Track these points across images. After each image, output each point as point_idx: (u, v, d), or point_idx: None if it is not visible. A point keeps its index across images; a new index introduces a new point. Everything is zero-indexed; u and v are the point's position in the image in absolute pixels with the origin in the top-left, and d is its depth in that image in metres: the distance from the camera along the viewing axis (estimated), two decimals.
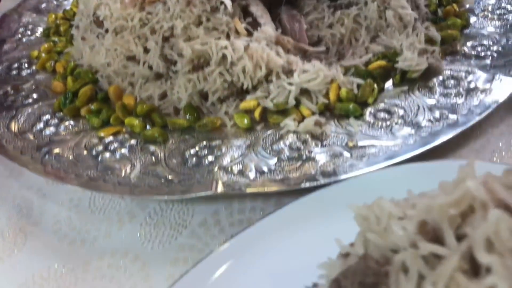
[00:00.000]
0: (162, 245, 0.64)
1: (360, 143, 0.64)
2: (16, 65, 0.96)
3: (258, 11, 0.80)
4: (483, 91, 0.66)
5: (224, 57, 0.72)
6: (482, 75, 0.68)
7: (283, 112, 0.71)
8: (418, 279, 0.31)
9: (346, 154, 0.63)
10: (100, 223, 0.69)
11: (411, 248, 0.32)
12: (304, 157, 0.64)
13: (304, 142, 0.66)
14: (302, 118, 0.69)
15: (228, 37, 0.75)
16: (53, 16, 1.08)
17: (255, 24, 0.78)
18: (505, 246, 0.29)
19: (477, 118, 0.63)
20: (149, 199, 0.67)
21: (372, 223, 0.36)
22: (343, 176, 0.59)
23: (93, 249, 0.66)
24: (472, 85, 0.67)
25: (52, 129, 0.79)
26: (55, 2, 1.18)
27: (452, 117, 0.64)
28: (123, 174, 0.67)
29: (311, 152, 0.65)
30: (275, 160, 0.65)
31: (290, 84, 0.70)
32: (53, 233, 0.69)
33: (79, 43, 0.89)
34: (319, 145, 0.65)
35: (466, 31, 0.80)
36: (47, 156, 0.73)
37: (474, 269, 0.30)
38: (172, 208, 0.67)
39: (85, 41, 0.87)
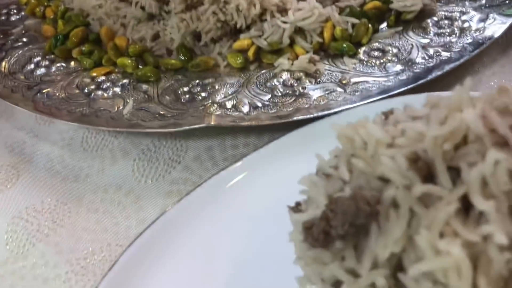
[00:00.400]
0: (156, 179, 0.64)
1: (354, 80, 0.64)
2: (4, 11, 0.94)
3: None
4: (477, 30, 0.66)
5: None
6: (476, 15, 0.68)
7: (277, 51, 0.70)
8: (409, 215, 0.30)
9: (340, 89, 0.63)
10: (93, 160, 0.69)
11: (404, 189, 0.30)
12: (297, 93, 0.64)
13: (298, 79, 0.66)
14: (296, 57, 0.69)
15: None
16: None
17: None
18: (502, 189, 0.28)
19: (471, 55, 0.63)
20: (142, 132, 0.67)
21: (357, 147, 0.34)
22: (335, 109, 0.59)
23: (86, 184, 0.66)
24: (466, 25, 0.67)
25: (43, 70, 0.78)
26: None
27: (445, 54, 0.64)
28: (115, 110, 0.67)
29: (305, 88, 0.65)
30: (268, 96, 0.65)
31: (285, 22, 0.69)
32: (45, 170, 0.69)
33: None
34: (313, 82, 0.65)
35: None
36: (38, 95, 0.72)
37: (465, 208, 0.29)
38: (166, 145, 0.67)
39: None
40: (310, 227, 0.34)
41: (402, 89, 0.60)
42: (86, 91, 0.72)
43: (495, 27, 0.65)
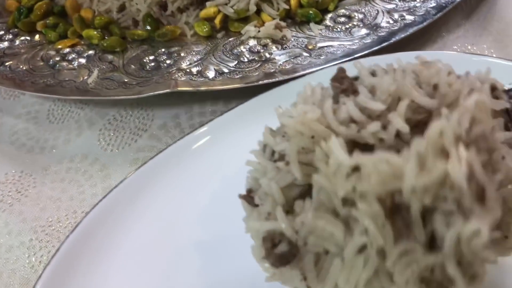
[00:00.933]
0: (122, 147, 0.63)
1: (319, 45, 0.64)
2: None
3: None
4: None
5: None
6: None
7: (244, 19, 0.70)
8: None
9: (305, 54, 0.63)
10: (59, 132, 0.68)
11: (377, 253, 0.28)
12: (263, 58, 0.64)
13: (265, 46, 0.66)
14: (263, 25, 0.68)
15: None
16: None
17: None
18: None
19: (433, 18, 0.63)
20: (107, 102, 0.66)
21: (318, 159, 0.31)
22: (301, 73, 0.59)
23: (51, 155, 0.65)
24: None
25: (6, 43, 0.76)
26: None
27: (410, 18, 0.64)
28: (80, 80, 0.66)
29: (271, 54, 0.64)
30: (235, 62, 0.64)
31: None
32: (10, 143, 0.68)
33: None
34: (279, 48, 0.65)
35: None
36: (1, 67, 0.71)
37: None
38: (132, 114, 0.67)
39: None
40: (271, 246, 0.33)
41: (366, 52, 0.60)
42: (50, 63, 0.70)
43: None
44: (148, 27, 0.72)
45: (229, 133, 0.57)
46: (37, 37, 0.77)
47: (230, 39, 0.69)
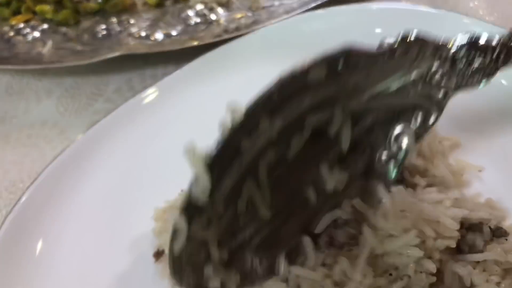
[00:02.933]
0: (79, 112, 0.66)
1: (262, 5, 0.68)
2: None
3: None
4: None
5: None
6: None
7: None
8: None
9: (249, 14, 0.67)
10: (18, 102, 0.70)
11: None
12: (209, 20, 0.68)
13: (211, 9, 0.69)
14: None
15: None
16: None
17: None
18: None
19: None
20: (63, 70, 0.69)
21: None
22: (244, 31, 0.63)
23: (11, 125, 0.68)
24: None
25: None
26: None
27: None
28: (36, 51, 0.69)
29: (217, 15, 0.68)
30: (182, 25, 0.68)
31: None
32: None
33: None
34: (225, 10, 0.69)
35: None
36: None
37: None
38: (88, 81, 0.70)
39: None
40: None
41: (306, 8, 0.64)
42: (5, 37, 0.72)
43: None
44: (100, 0, 0.75)
45: (178, 91, 0.61)
46: None
47: (178, 6, 0.72)
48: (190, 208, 0.32)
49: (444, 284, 0.41)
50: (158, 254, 0.48)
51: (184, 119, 0.60)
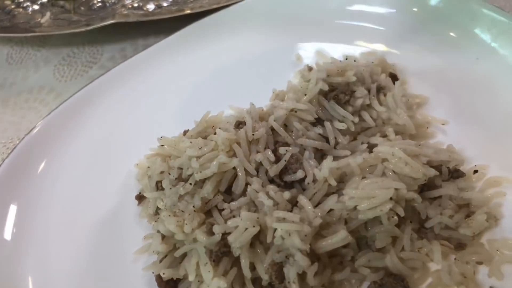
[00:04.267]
0: (75, 78, 0.70)
1: None
2: None
3: None
4: None
5: None
6: None
7: None
8: None
9: None
10: (17, 71, 0.74)
11: None
12: None
13: None
14: None
15: None
16: None
17: None
18: None
19: None
20: (61, 39, 0.73)
21: None
22: (232, 1, 0.67)
23: (11, 90, 0.71)
24: None
25: None
26: None
27: None
28: (34, 22, 0.72)
29: None
30: None
31: None
32: None
33: None
34: None
35: None
36: None
37: None
38: (84, 51, 0.73)
39: None
40: None
41: None
42: (6, 10, 0.76)
43: None
44: None
45: (167, 56, 0.65)
46: None
47: None
48: None
49: (405, 219, 0.44)
50: (140, 198, 0.51)
51: (171, 81, 0.63)
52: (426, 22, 0.59)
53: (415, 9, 0.60)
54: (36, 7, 0.76)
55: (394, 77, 0.54)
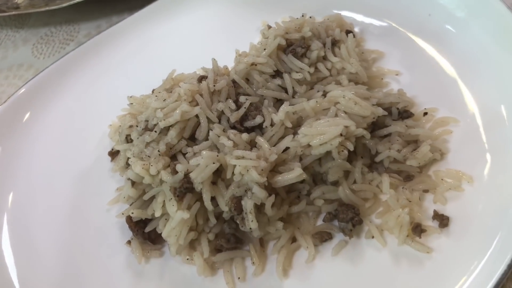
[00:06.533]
0: (53, 55, 0.73)
1: None
2: None
3: None
4: None
5: None
6: None
7: None
8: None
9: None
10: None
11: None
12: None
13: None
14: None
15: None
16: None
17: None
18: None
19: None
20: (35, 13, 0.76)
21: None
22: None
23: None
24: None
25: None
26: None
27: None
28: (12, 3, 0.76)
29: None
30: None
31: None
32: None
33: None
34: None
35: None
36: None
37: None
38: (61, 29, 0.76)
39: None
40: None
41: None
42: None
43: None
44: None
45: (137, 28, 0.68)
46: None
47: None
48: None
49: (357, 155, 0.47)
50: (112, 154, 0.55)
51: (142, 52, 0.66)
52: None
53: None
54: None
55: (350, 33, 0.58)
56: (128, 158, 0.49)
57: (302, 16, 0.57)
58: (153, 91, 0.55)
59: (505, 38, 0.50)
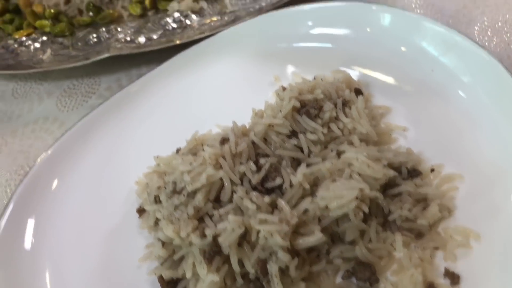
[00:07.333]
0: (76, 108, 0.77)
1: (230, 9, 0.80)
2: None
3: None
4: None
5: None
6: None
7: None
8: None
9: (218, 17, 0.78)
10: (23, 104, 0.81)
11: None
12: (184, 25, 0.79)
13: (186, 16, 0.81)
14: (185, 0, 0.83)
15: None
16: None
17: None
18: None
19: None
20: (61, 73, 0.80)
21: None
22: (216, 31, 0.75)
23: (18, 121, 0.78)
24: None
25: None
26: None
27: None
28: (37, 58, 0.80)
29: (191, 21, 0.80)
30: (162, 30, 0.79)
31: None
32: None
33: None
34: (198, 16, 0.80)
35: None
36: None
37: None
38: (83, 82, 0.81)
39: None
40: None
41: (272, 6, 0.75)
42: (10, 49, 0.84)
43: None
44: (91, 14, 0.87)
45: (159, 83, 0.72)
46: None
47: (158, 15, 0.84)
48: None
49: (371, 215, 0.51)
50: (140, 211, 0.58)
51: (163, 106, 0.71)
52: (380, 40, 0.66)
53: (368, 29, 0.67)
54: (37, 45, 0.84)
55: (358, 92, 0.62)
56: (158, 219, 0.53)
57: (314, 78, 0.61)
58: (177, 150, 0.60)
59: (507, 101, 0.54)
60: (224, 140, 0.56)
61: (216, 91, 0.72)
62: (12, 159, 0.72)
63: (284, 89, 0.62)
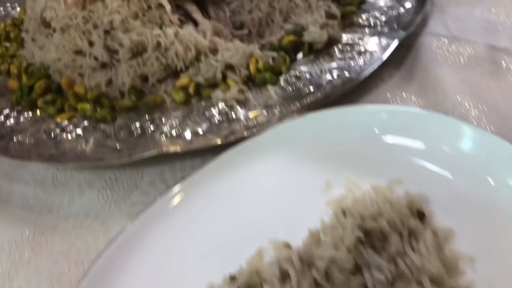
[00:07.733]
0: (118, 204, 0.75)
1: (276, 102, 0.78)
2: None
3: (190, 6, 0.93)
4: (371, 53, 0.81)
5: (158, 44, 0.84)
6: (371, 40, 0.84)
7: (213, 85, 0.83)
8: None
9: (264, 113, 0.76)
10: (63, 194, 0.80)
11: None
12: (231, 118, 0.77)
13: (231, 107, 0.79)
14: (229, 89, 0.82)
15: (161, 27, 0.87)
16: (2, 24, 1.17)
17: (187, 17, 0.91)
18: None
19: (366, 74, 0.77)
20: (103, 166, 0.78)
21: None
22: (260, 128, 0.73)
23: (58, 215, 0.77)
24: (362, 49, 0.82)
25: (12, 120, 0.89)
26: (3, 12, 1.26)
27: (347, 75, 0.78)
28: (79, 149, 0.79)
29: (237, 113, 0.78)
30: (207, 123, 0.77)
31: (216, 61, 0.83)
32: (21, 208, 0.79)
33: (29, 44, 0.99)
34: (243, 108, 0.79)
35: (364, 6, 0.95)
36: (10, 143, 0.83)
37: None
38: (124, 174, 0.79)
39: (35, 42, 0.97)
40: None
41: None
42: (52, 136, 0.83)
43: (385, 50, 0.81)
44: (133, 97, 0.85)
45: (202, 189, 0.69)
46: (38, 112, 0.90)
47: (202, 103, 0.82)
48: None
49: None
50: None
51: (210, 215, 0.68)
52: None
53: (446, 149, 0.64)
54: (79, 131, 0.83)
55: (422, 215, 0.59)
56: None
57: (375, 198, 0.59)
58: (231, 278, 0.57)
59: None
60: (283, 276, 0.53)
61: (263, 198, 0.68)
62: (52, 262, 0.70)
63: (344, 213, 0.59)
